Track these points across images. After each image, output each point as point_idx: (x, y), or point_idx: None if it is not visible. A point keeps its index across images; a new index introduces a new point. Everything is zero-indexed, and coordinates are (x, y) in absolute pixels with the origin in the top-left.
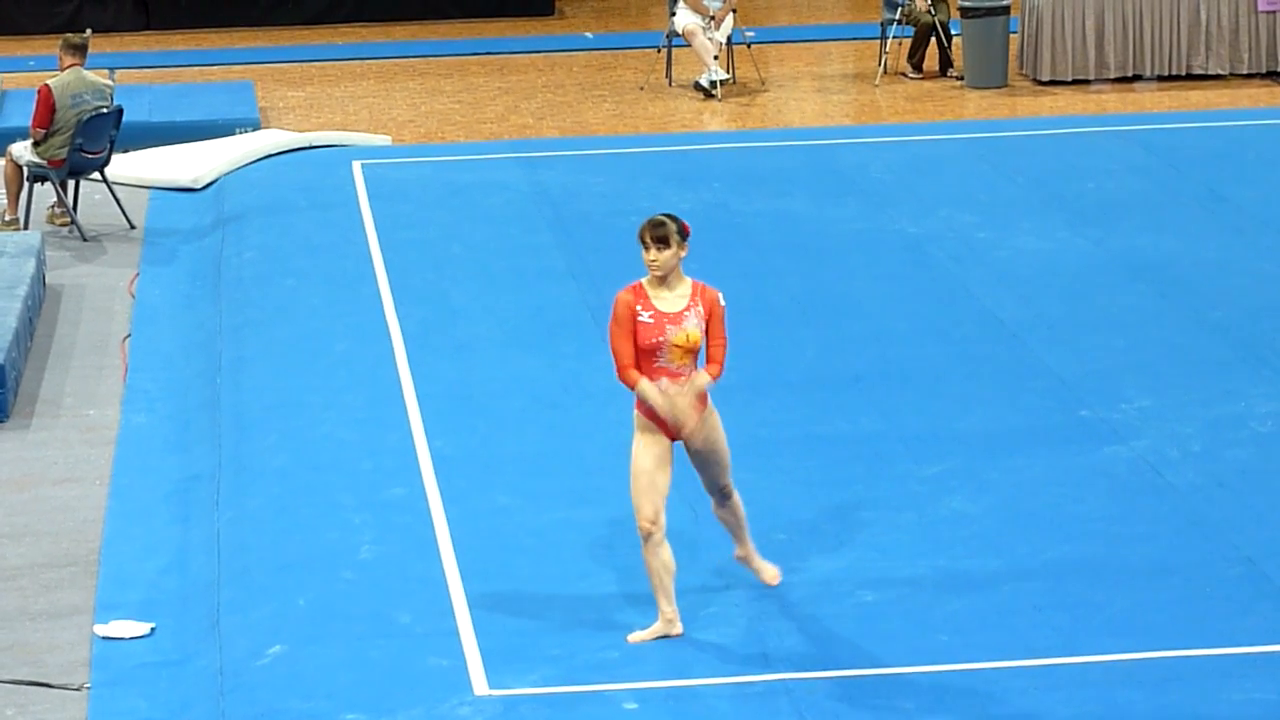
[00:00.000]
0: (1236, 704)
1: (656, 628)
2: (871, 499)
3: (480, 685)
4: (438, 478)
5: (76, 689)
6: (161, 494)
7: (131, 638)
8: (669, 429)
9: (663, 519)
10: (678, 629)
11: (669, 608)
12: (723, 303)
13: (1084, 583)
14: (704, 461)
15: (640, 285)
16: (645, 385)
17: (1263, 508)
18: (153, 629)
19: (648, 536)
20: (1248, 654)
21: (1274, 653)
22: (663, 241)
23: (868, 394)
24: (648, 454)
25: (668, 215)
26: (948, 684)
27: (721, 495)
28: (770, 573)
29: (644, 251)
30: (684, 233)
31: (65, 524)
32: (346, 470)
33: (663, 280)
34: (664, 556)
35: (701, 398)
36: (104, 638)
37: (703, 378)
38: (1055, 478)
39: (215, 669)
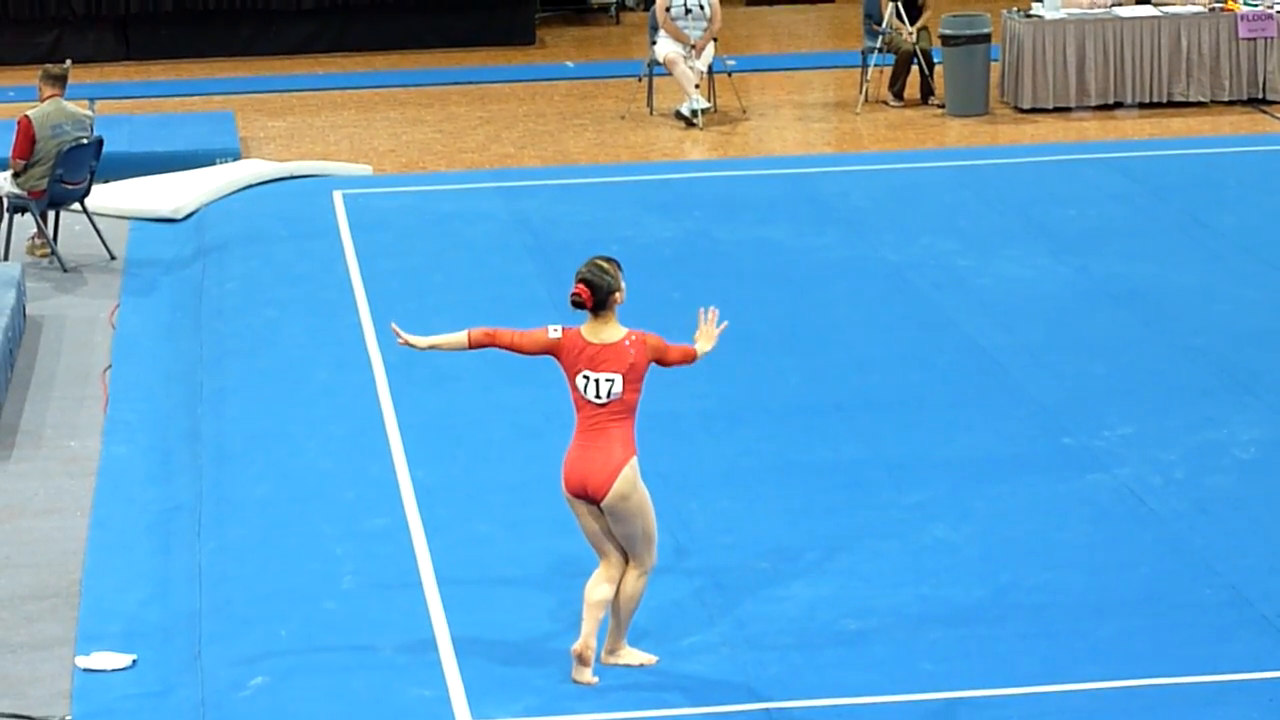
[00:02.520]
0: None
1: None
2: (854, 527)
3: (463, 716)
4: (420, 507)
5: None
6: (143, 525)
7: (113, 669)
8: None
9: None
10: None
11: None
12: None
13: (1067, 611)
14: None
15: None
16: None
17: (1246, 534)
18: (134, 660)
19: None
20: (1232, 681)
21: (1257, 680)
22: None
23: (849, 422)
24: None
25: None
26: (931, 712)
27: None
28: (646, 657)
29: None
30: None
31: (46, 555)
32: (328, 500)
33: None
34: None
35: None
36: (85, 669)
37: None
38: (1038, 505)
39: (197, 701)
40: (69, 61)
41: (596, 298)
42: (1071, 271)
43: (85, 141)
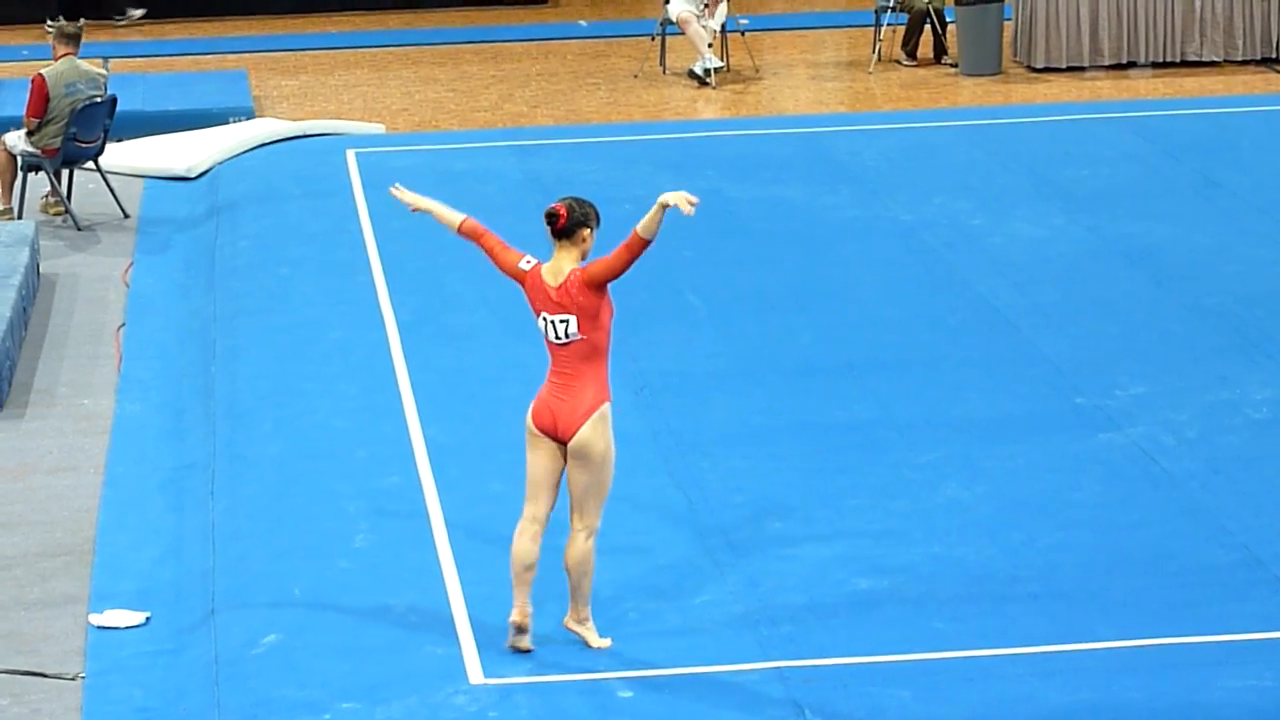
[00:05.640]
0: (1232, 691)
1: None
2: (866, 486)
3: (475, 674)
4: (432, 466)
5: (71, 678)
6: (156, 483)
7: (126, 627)
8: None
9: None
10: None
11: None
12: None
13: (1079, 570)
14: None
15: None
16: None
17: (1258, 494)
18: (148, 618)
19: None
20: (1243, 641)
21: (1270, 639)
22: None
23: (862, 381)
24: None
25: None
26: (943, 671)
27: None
28: (599, 640)
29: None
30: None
31: (60, 513)
32: (341, 458)
33: None
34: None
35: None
36: (99, 627)
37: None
38: (1050, 465)
39: (210, 658)
40: (83, 20)
41: (568, 220)
42: (1084, 231)
43: (99, 100)
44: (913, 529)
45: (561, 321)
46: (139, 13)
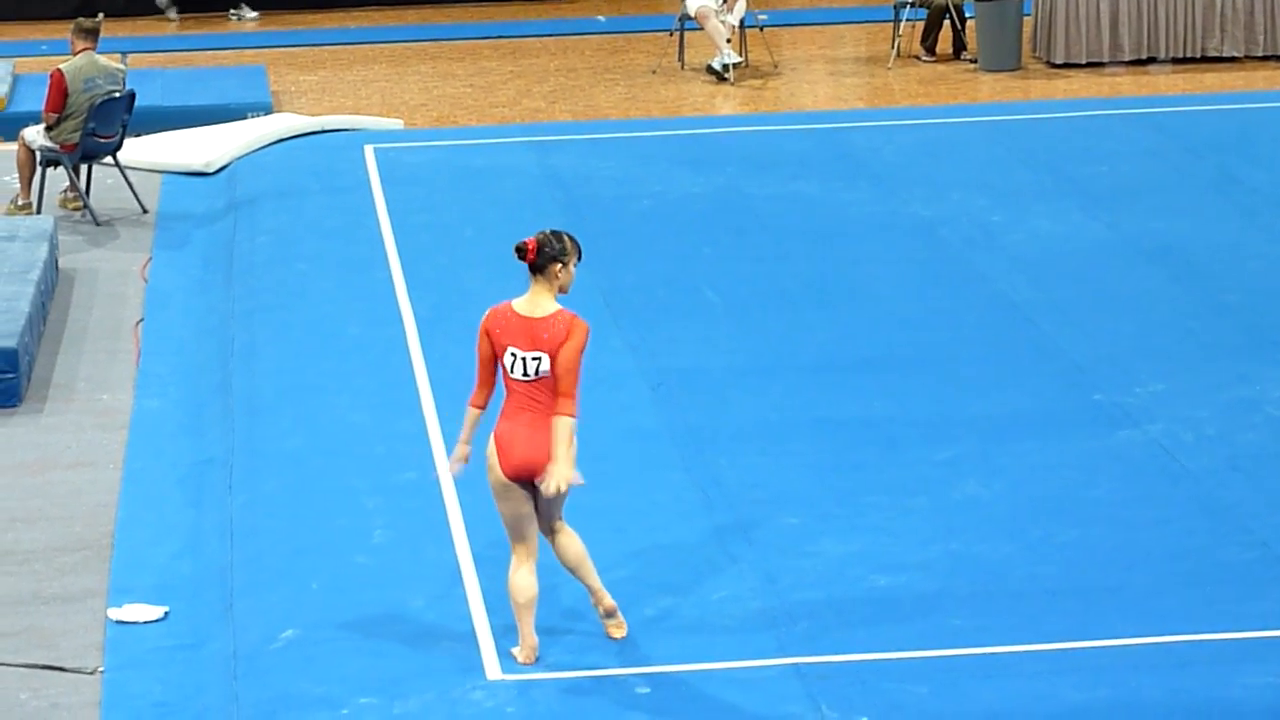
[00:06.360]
0: (1251, 688)
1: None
2: (884, 483)
3: (493, 669)
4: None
5: (90, 673)
6: (175, 478)
7: (145, 622)
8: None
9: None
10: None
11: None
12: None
13: (1097, 567)
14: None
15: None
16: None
17: (1277, 491)
18: (166, 613)
19: None
20: (1262, 638)
21: None
22: None
23: (880, 378)
24: None
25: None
26: (961, 668)
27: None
28: (618, 625)
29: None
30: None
31: (79, 508)
32: (359, 454)
33: None
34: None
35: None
36: (118, 621)
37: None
38: (1068, 462)
39: (228, 653)
40: (101, 15)
41: (538, 255)
42: (1103, 227)
43: (117, 95)
44: (930, 526)
45: (534, 359)
46: (253, 15)
